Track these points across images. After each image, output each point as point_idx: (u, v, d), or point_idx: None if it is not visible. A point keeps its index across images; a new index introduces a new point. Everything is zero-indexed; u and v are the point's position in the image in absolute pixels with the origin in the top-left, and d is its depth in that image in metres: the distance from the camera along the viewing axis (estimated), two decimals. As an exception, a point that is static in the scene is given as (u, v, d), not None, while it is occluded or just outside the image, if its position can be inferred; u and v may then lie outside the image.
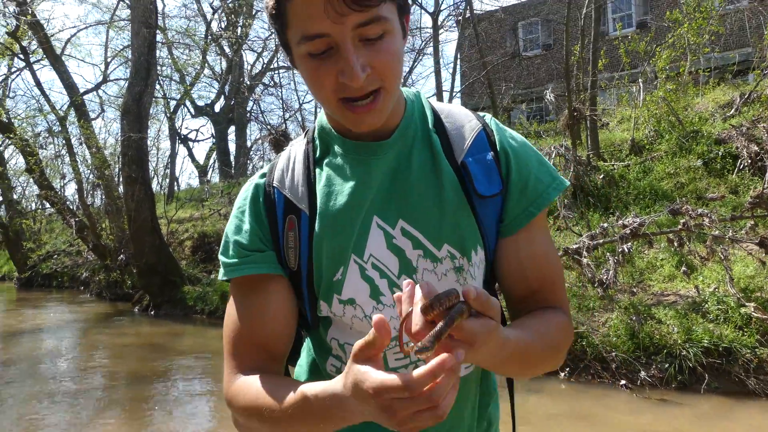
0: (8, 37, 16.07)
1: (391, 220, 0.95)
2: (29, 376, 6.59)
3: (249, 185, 1.02)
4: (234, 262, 0.96)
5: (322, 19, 0.78)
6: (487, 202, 0.96)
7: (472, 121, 1.01)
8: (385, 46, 0.82)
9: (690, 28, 9.16)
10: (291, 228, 0.96)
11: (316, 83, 0.84)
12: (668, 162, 8.28)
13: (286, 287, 0.97)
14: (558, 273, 1.02)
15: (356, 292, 0.95)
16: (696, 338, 4.91)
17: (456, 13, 14.25)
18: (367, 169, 0.95)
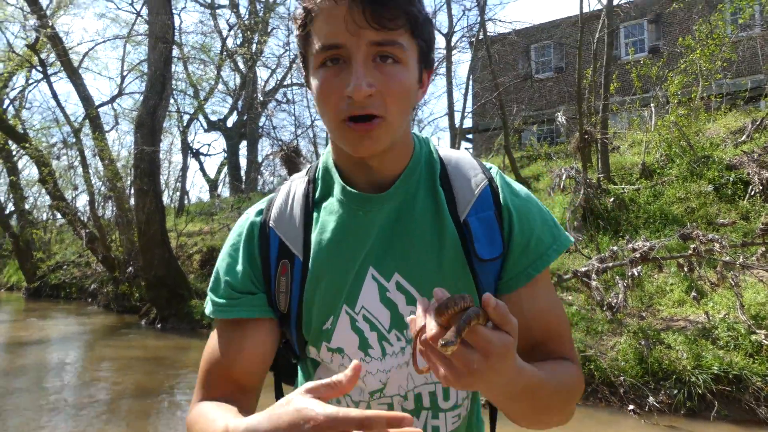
0: (27, 49, 16.37)
1: (386, 273, 0.94)
2: (35, 386, 6.59)
3: (245, 221, 1.00)
4: (223, 303, 0.95)
5: (341, 30, 0.80)
6: (487, 264, 0.94)
7: (478, 175, 0.99)
8: (395, 72, 0.83)
9: (702, 54, 9.18)
10: (284, 273, 0.95)
11: (323, 96, 0.85)
12: (679, 186, 8.25)
13: (271, 328, 0.96)
14: (564, 326, 0.99)
15: (345, 342, 0.95)
16: (706, 365, 4.85)
17: (469, 34, 14.37)
18: (365, 220, 0.94)
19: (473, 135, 21.02)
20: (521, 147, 15.77)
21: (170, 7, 11.43)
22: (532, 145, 14.64)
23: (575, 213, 8.04)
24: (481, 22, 11.72)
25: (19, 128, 15.19)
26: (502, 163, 12.39)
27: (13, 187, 18.81)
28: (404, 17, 0.81)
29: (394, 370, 0.95)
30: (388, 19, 0.79)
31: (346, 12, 0.79)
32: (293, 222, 0.97)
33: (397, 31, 0.81)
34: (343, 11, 0.80)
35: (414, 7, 0.83)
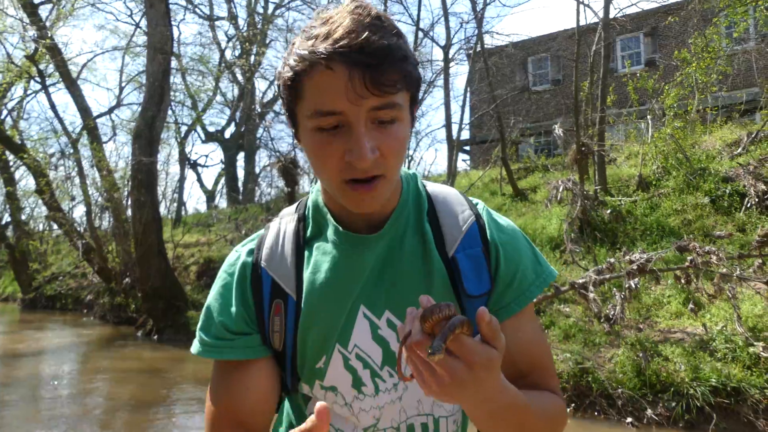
0: (26, 60, 16.41)
1: (377, 311, 0.95)
2: (30, 398, 6.54)
3: (236, 260, 1.00)
4: (218, 343, 0.95)
5: (340, 98, 0.78)
6: (476, 300, 0.95)
7: (465, 211, 1.00)
8: (394, 131, 0.83)
9: (698, 68, 9.25)
10: (277, 312, 0.95)
11: (321, 159, 0.84)
12: (675, 198, 8.28)
13: (269, 365, 0.96)
14: (548, 358, 1.00)
15: (338, 381, 0.95)
16: (704, 377, 4.84)
17: (467, 47, 14.46)
18: (358, 260, 0.94)
19: (470, 147, 21.08)
20: (518, 159, 15.82)
21: (169, 19, 11.48)
22: (529, 157, 14.69)
23: (572, 225, 8.05)
24: (478, 35, 11.80)
25: (16, 139, 15.20)
26: (500, 174, 12.42)
27: (9, 198, 18.77)
28: (402, 78, 0.80)
29: (387, 406, 0.96)
30: (388, 85, 0.78)
31: (346, 82, 0.77)
32: (285, 261, 0.97)
33: (396, 93, 0.81)
34: (342, 80, 0.77)
35: (409, 63, 0.82)
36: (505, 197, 11.77)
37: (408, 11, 19.05)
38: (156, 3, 11.15)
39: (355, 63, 0.76)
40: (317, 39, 0.79)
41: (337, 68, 0.77)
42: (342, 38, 0.77)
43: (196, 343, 0.97)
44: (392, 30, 0.81)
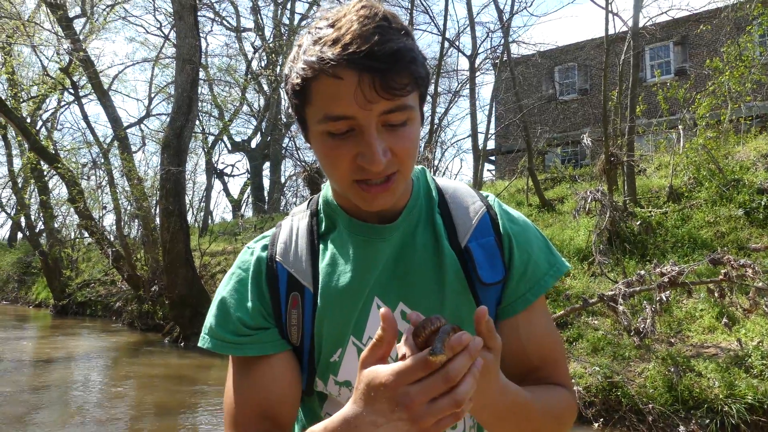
0: (61, 72, 16.85)
1: (391, 302, 0.94)
2: (60, 402, 6.65)
3: (250, 257, 0.99)
4: (237, 339, 0.93)
5: (350, 103, 0.77)
6: (490, 288, 0.95)
7: (476, 202, 1.01)
8: (406, 133, 0.82)
9: (732, 77, 9.07)
10: (294, 306, 0.94)
11: (332, 163, 0.83)
12: (708, 210, 8.10)
13: (291, 356, 0.95)
14: (559, 352, 1.01)
15: (353, 375, 0.93)
16: (739, 394, 4.70)
17: (493, 56, 14.42)
18: (373, 251, 0.94)
19: (496, 157, 20.98)
20: (545, 169, 15.68)
21: (197, 31, 11.69)
22: (556, 167, 14.55)
23: (601, 236, 7.92)
24: (504, 44, 11.76)
25: (50, 149, 15.57)
26: (526, 185, 12.31)
27: (43, 206, 19.22)
28: (412, 80, 0.79)
29: None
30: (398, 88, 0.77)
31: (355, 87, 0.76)
32: (300, 255, 0.97)
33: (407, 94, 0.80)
34: (351, 86, 0.76)
35: (418, 64, 0.80)
36: (532, 208, 11.65)
37: (434, 21, 19.06)
38: (185, 16, 11.37)
39: (365, 68, 0.75)
40: (325, 44, 0.77)
41: (346, 74, 0.76)
42: (350, 44, 0.75)
43: (210, 339, 0.94)
44: (400, 30, 0.79)
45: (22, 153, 19.32)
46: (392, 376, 0.63)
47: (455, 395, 0.62)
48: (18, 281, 24.92)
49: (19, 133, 13.94)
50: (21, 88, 17.98)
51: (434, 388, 0.62)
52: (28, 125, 14.69)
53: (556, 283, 7.46)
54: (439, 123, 13.71)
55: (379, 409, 0.65)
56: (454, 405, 0.62)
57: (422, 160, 9.18)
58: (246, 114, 26.90)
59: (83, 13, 17.00)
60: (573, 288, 7.21)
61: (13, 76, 16.59)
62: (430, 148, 10.85)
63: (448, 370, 0.62)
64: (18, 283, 24.92)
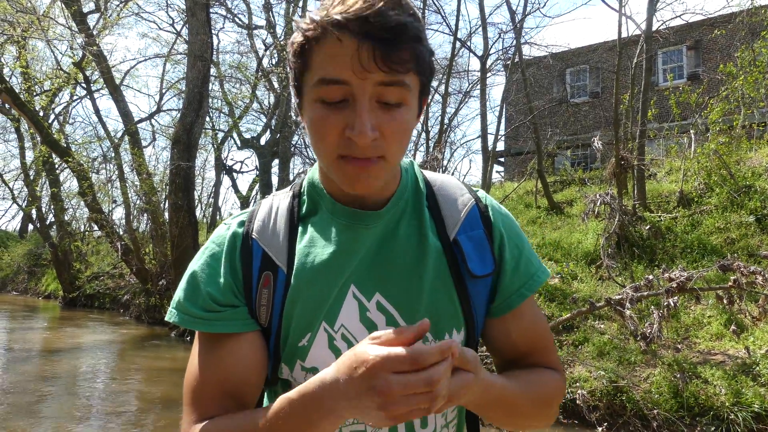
0: (74, 66, 16.96)
1: (368, 292, 0.91)
2: (67, 393, 6.71)
3: (226, 231, 0.96)
4: (205, 315, 0.90)
5: (346, 67, 0.76)
6: (479, 281, 0.95)
7: (464, 195, 1.00)
8: (399, 115, 0.81)
9: (745, 82, 9.00)
10: (266, 285, 0.91)
11: (320, 132, 0.81)
12: (718, 216, 8.04)
13: (258, 338, 0.92)
14: (548, 338, 1.02)
15: (321, 361, 0.90)
16: (746, 402, 4.67)
17: (504, 57, 14.37)
18: (354, 237, 0.92)
19: (505, 158, 20.92)
20: (554, 172, 15.62)
21: (209, 28, 11.74)
22: (565, 170, 14.49)
23: (609, 240, 7.89)
24: (516, 45, 11.73)
25: (62, 142, 15.67)
26: (535, 187, 12.28)
27: (54, 199, 19.35)
28: (413, 58, 0.78)
29: None
30: (397, 62, 0.76)
31: (354, 53, 0.75)
32: (277, 234, 0.94)
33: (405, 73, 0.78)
34: (350, 50, 0.75)
35: (421, 45, 0.79)
36: (540, 210, 11.62)
37: (446, 20, 19.05)
38: (197, 12, 11.41)
39: (366, 35, 0.74)
40: (332, 6, 0.77)
41: (347, 37, 0.75)
42: (355, 5, 0.74)
43: (178, 313, 0.92)
44: (409, 10, 0.78)
45: (35, 146, 19.46)
46: (379, 359, 0.66)
47: (432, 396, 0.66)
48: (28, 272, 25.12)
49: (32, 126, 14.05)
50: (34, 82, 18.12)
51: (414, 386, 0.65)
52: (40, 119, 14.80)
53: (563, 287, 7.44)
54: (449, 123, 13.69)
55: (356, 383, 0.68)
56: (428, 403, 0.66)
57: (432, 160, 9.17)
58: (256, 111, 26.95)
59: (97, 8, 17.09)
60: (580, 291, 7.19)
61: (27, 70, 16.71)
62: (439, 148, 10.84)
63: (432, 374, 0.65)
64: (28, 274, 25.12)
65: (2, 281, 27.03)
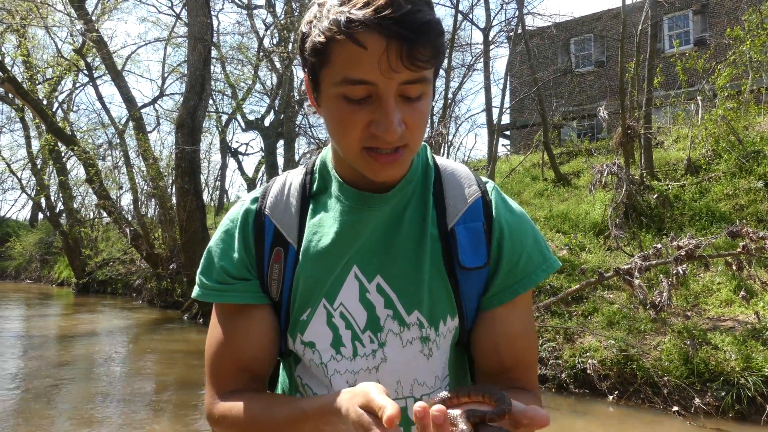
0: (75, 54, 16.91)
1: (369, 274, 0.93)
2: (84, 377, 6.83)
3: (240, 208, 1.00)
4: (218, 287, 0.95)
5: (372, 68, 0.76)
6: (471, 273, 0.94)
7: (472, 186, 0.99)
8: (420, 106, 0.82)
9: (753, 46, 8.86)
10: (277, 260, 0.95)
11: (344, 127, 0.82)
12: (727, 183, 7.99)
13: (270, 312, 0.96)
14: (533, 355, 0.99)
15: (318, 337, 0.94)
16: (756, 366, 4.69)
17: (507, 29, 14.20)
18: (359, 219, 0.93)
19: (511, 131, 20.78)
20: (561, 143, 15.52)
21: (209, 9, 11.64)
22: (572, 141, 14.40)
23: (617, 210, 7.87)
24: (519, 16, 11.57)
25: (67, 130, 15.69)
26: (541, 159, 12.22)
27: (62, 187, 19.46)
28: (435, 54, 0.78)
29: (362, 372, 0.95)
30: (423, 60, 0.77)
31: (381, 53, 0.75)
32: (289, 211, 0.97)
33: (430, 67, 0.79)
34: (377, 51, 0.75)
35: (442, 39, 0.80)
36: (547, 182, 11.57)
37: (447, -6, 18.77)
38: (197, -7, 11.30)
39: (394, 35, 0.74)
40: (354, 5, 0.75)
41: (374, 39, 0.74)
42: (383, 8, 0.73)
43: (197, 287, 0.98)
44: (428, 3, 0.79)
45: (40, 135, 19.51)
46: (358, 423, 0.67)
47: None
48: (41, 261, 25.42)
49: (36, 115, 14.07)
50: (36, 71, 18.09)
51: None
52: (44, 107, 14.82)
53: (572, 258, 7.45)
54: (453, 98, 13.59)
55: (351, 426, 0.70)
56: None
57: (436, 135, 9.13)
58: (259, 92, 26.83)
59: (95, -8, 16.98)
60: (588, 262, 7.20)
61: (28, 59, 16.68)
62: (444, 123, 10.78)
63: None
64: (41, 262, 25.42)
65: (16, 270, 27.36)
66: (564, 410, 5.11)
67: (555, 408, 5.14)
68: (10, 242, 27.24)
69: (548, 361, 5.74)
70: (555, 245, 8.02)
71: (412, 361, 0.94)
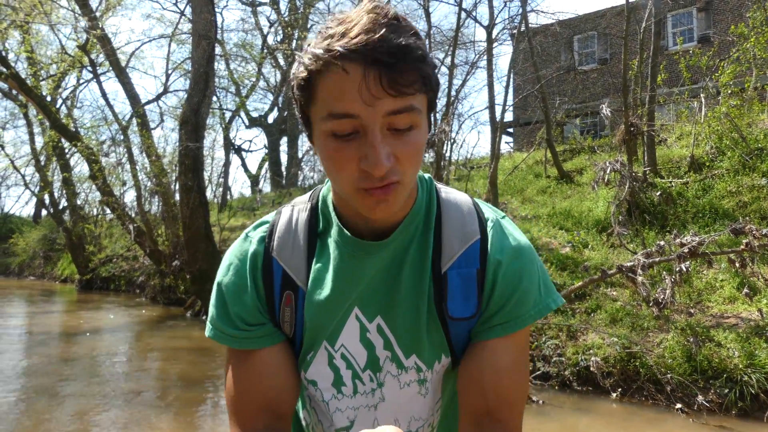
0: (78, 50, 16.93)
1: (370, 314, 0.94)
2: (87, 374, 6.85)
3: (248, 247, 0.99)
4: (237, 334, 0.95)
5: (354, 99, 0.75)
6: (459, 323, 0.92)
7: (472, 226, 0.95)
8: (411, 138, 0.80)
9: (757, 43, 8.83)
10: (288, 303, 0.95)
11: (336, 166, 0.81)
12: (730, 180, 7.97)
13: (286, 347, 0.97)
14: (519, 396, 0.93)
15: (320, 376, 0.97)
16: (759, 363, 4.69)
17: (511, 26, 14.16)
18: (360, 266, 0.93)
19: (514, 129, 20.75)
20: (564, 140, 15.50)
21: (213, 6, 11.63)
22: (575, 138, 14.37)
23: (620, 207, 7.86)
24: (522, 14, 11.54)
25: (71, 127, 15.72)
26: (544, 156, 12.21)
27: (65, 183, 19.50)
28: (419, 79, 0.77)
29: (362, 409, 0.98)
30: (405, 85, 0.75)
31: (360, 81, 0.74)
32: (297, 252, 0.96)
33: (413, 95, 0.77)
34: (356, 79, 0.74)
35: (426, 64, 0.78)
36: (550, 179, 11.56)
37: (450, -9, 18.77)
38: (200, -10, 11.29)
39: (371, 61, 0.73)
40: (333, 38, 0.75)
41: (352, 67, 0.74)
42: (357, 36, 0.73)
43: (213, 329, 0.97)
44: (410, 30, 0.77)
45: (44, 131, 19.56)
46: None
47: None
48: (44, 257, 25.47)
49: (40, 111, 14.10)
50: (40, 67, 18.11)
51: None
52: (48, 103, 14.83)
53: (575, 255, 7.44)
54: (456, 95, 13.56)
55: None
56: None
57: (440, 133, 9.12)
58: (263, 89, 26.84)
59: (99, -11, 16.99)
60: (592, 259, 7.19)
61: (32, 55, 16.70)
62: (447, 120, 10.76)
63: None
64: (44, 259, 25.48)
65: (19, 267, 27.45)
66: (567, 408, 5.11)
67: (558, 405, 5.15)
68: (14, 239, 27.29)
69: (551, 359, 5.74)
70: (558, 242, 8.02)
71: (410, 401, 0.98)
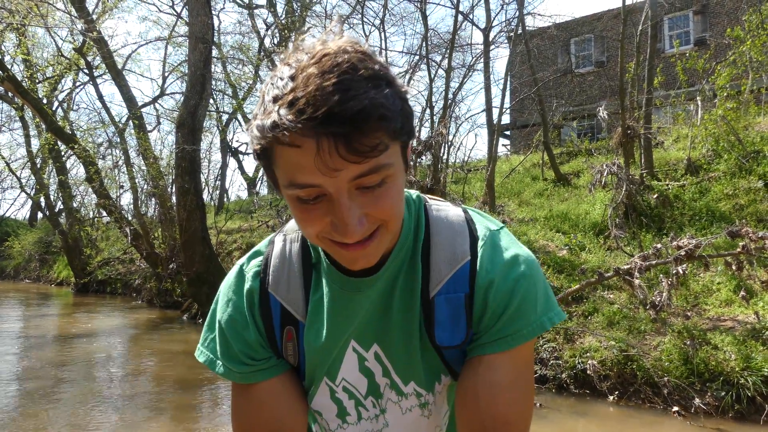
0: (75, 52, 16.90)
1: (366, 344, 0.93)
2: (83, 377, 6.82)
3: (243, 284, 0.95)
4: (244, 369, 0.93)
5: (312, 171, 0.69)
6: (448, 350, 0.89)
7: (462, 248, 0.89)
8: (385, 192, 0.74)
9: (753, 46, 8.86)
10: (290, 339, 0.94)
11: (306, 224, 0.76)
12: (727, 183, 7.99)
13: (290, 375, 0.97)
14: (520, 417, 0.85)
15: (323, 408, 0.98)
16: (755, 366, 4.69)
17: (508, 29, 14.18)
18: (352, 303, 0.90)
19: (511, 131, 20.78)
20: (561, 143, 15.51)
21: (209, 9, 11.63)
22: (572, 141, 14.40)
23: (617, 210, 7.87)
24: (519, 17, 11.56)
25: (67, 129, 15.67)
26: (541, 159, 12.22)
27: (61, 186, 19.44)
28: (384, 137, 0.69)
29: None
30: (366, 150, 0.68)
31: (314, 155, 0.67)
32: (293, 286, 0.93)
33: (378, 156, 0.70)
34: (311, 153, 0.67)
35: (392, 119, 0.70)
36: (547, 182, 11.57)
37: (447, -6, 18.78)
38: (197, -7, 11.28)
39: (323, 134, 0.66)
40: (281, 106, 0.68)
41: (304, 142, 0.67)
42: (305, 108, 0.66)
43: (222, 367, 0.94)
44: (369, 80, 0.68)
45: (40, 134, 19.50)
46: None
47: None
48: (40, 260, 25.37)
49: (36, 114, 14.06)
50: (36, 69, 18.08)
51: None
52: (44, 106, 14.80)
53: (572, 258, 7.44)
54: (453, 98, 13.57)
55: None
56: None
57: (437, 135, 9.12)
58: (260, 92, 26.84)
59: (95, -8, 16.97)
60: (588, 262, 7.19)
61: (28, 57, 16.67)
62: (444, 123, 10.76)
63: None
64: (40, 262, 25.38)
65: (15, 269, 27.33)
66: (564, 411, 5.10)
67: (555, 409, 5.14)
68: (9, 241, 27.21)
69: (548, 362, 5.73)
70: (555, 245, 8.01)
71: (414, 424, 0.98)
